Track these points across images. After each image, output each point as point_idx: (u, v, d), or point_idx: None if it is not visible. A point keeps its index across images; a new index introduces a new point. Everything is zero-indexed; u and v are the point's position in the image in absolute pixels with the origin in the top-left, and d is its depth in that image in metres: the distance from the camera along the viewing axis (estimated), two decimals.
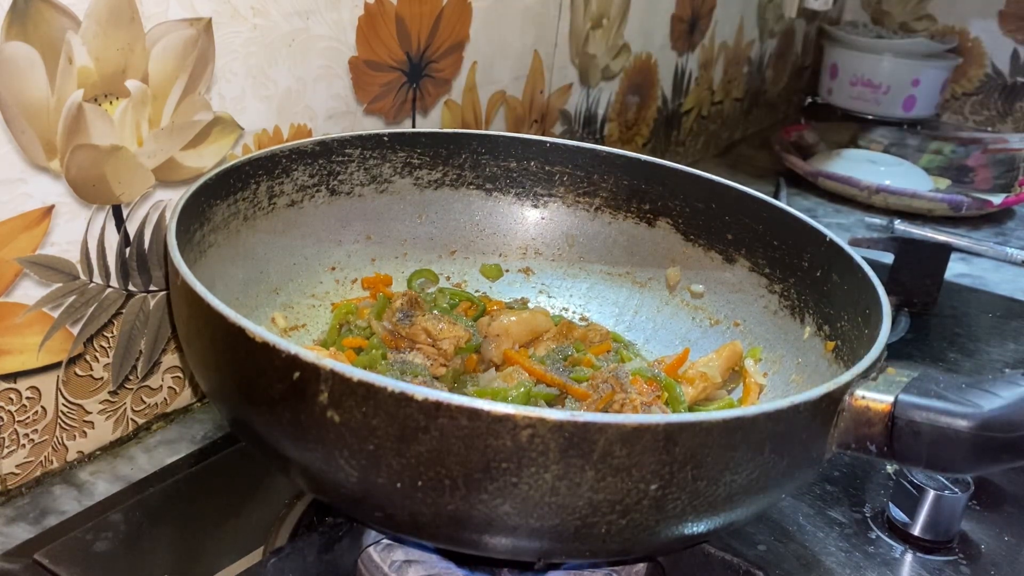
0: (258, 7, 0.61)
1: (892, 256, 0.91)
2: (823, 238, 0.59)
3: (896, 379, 0.45)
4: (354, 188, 0.68)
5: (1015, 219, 1.22)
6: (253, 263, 0.62)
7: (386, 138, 0.68)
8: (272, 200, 0.63)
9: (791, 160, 1.27)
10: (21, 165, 0.51)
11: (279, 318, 0.63)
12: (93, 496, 0.58)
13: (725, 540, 0.56)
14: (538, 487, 0.39)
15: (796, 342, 0.60)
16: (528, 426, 0.37)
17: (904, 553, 0.58)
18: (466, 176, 0.71)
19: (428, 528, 0.43)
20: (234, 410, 0.47)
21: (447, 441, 0.38)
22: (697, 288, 0.68)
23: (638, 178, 0.70)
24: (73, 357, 0.57)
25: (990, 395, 0.42)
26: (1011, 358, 0.84)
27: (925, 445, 0.42)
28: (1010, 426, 0.41)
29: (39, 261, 0.53)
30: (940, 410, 0.42)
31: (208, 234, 0.57)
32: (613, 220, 0.71)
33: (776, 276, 0.63)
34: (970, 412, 0.41)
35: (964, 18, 1.61)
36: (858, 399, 0.43)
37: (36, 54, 0.49)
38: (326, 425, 0.40)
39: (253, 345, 0.41)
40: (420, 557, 0.49)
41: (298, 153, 0.64)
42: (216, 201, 0.58)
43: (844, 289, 0.56)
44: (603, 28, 0.99)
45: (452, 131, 0.71)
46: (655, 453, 0.38)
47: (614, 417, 0.38)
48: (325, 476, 0.42)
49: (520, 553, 0.44)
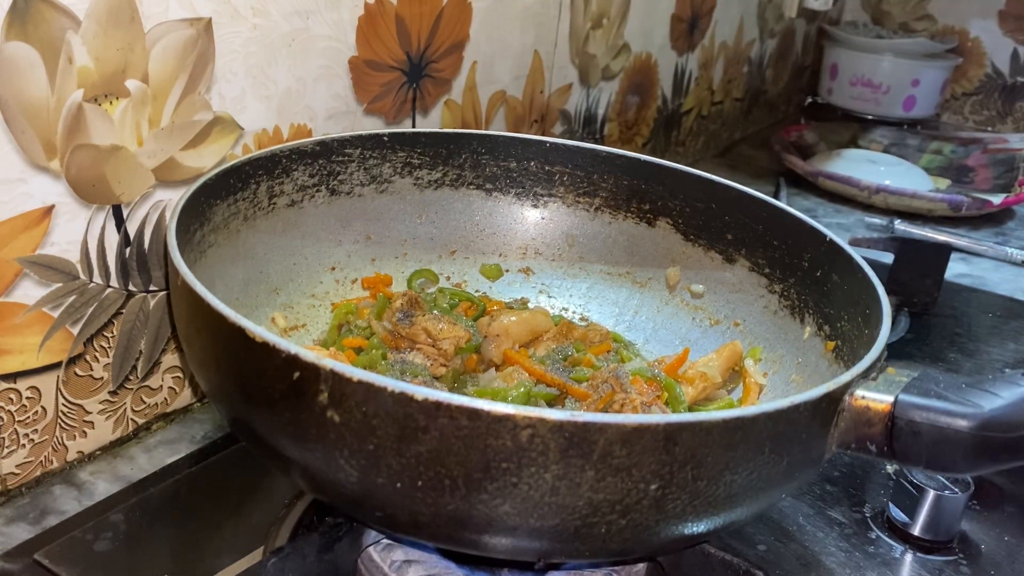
0: (258, 7, 0.61)
1: (892, 256, 0.91)
2: (823, 238, 0.59)
3: (896, 379, 0.45)
4: (354, 188, 0.68)
5: (1015, 219, 1.22)
6: (253, 263, 0.62)
7: (386, 138, 0.68)
8: (272, 200, 0.63)
9: (791, 160, 1.27)
10: (21, 165, 0.51)
11: (279, 318, 0.63)
12: (93, 496, 0.58)
13: (725, 540, 0.56)
14: (538, 487, 0.39)
15: (796, 342, 0.60)
16: (528, 426, 0.37)
17: (904, 553, 0.58)
18: (466, 176, 0.71)
19: (428, 528, 0.43)
20: (234, 410, 0.47)
21: (447, 441, 0.38)
22: (697, 288, 0.68)
23: (638, 178, 0.70)
24: (73, 357, 0.57)
25: (990, 395, 0.42)
26: (1011, 358, 0.84)
27: (925, 445, 0.42)
28: (1010, 426, 0.41)
29: (39, 261, 0.53)
30: (940, 410, 0.42)
31: (208, 234, 0.57)
32: (613, 220, 0.71)
33: (776, 276, 0.63)
34: (970, 412, 0.41)
35: (964, 18, 1.61)
36: (858, 399, 0.43)
37: (36, 54, 0.49)
38: (326, 425, 0.40)
39: (253, 345, 0.41)
40: (420, 557, 0.49)
41: (298, 153, 0.64)
42: (216, 201, 0.58)
43: (844, 289, 0.56)
44: (603, 28, 0.99)
45: (452, 131, 0.71)
46: (655, 453, 0.38)
47: (614, 417, 0.38)
48: (325, 476, 0.42)
49: (520, 553, 0.44)
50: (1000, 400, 0.42)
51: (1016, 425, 0.41)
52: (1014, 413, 0.41)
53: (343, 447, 0.40)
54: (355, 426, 0.39)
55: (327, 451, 0.41)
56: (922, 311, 0.89)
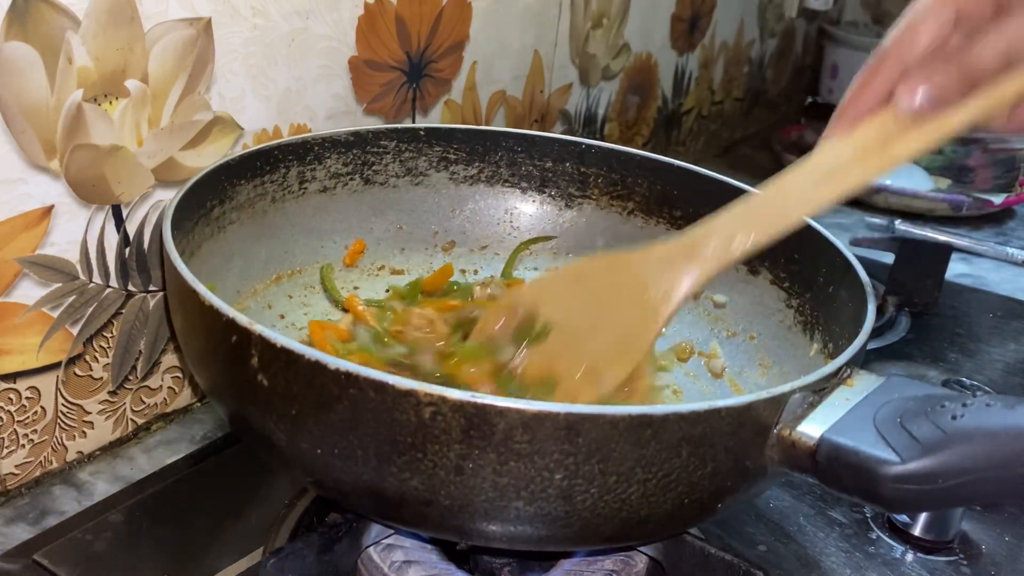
0: (258, 7, 0.61)
1: (892, 256, 0.91)
2: (837, 253, 0.58)
3: (842, 400, 0.43)
4: (389, 179, 0.69)
5: (1015, 219, 1.22)
6: (278, 243, 0.64)
7: (422, 132, 0.69)
8: (303, 185, 0.65)
9: (791, 160, 1.26)
10: (21, 165, 0.51)
11: (297, 297, 0.64)
12: (93, 496, 0.58)
13: (725, 540, 0.56)
14: (443, 465, 0.40)
15: (803, 359, 0.60)
16: (431, 403, 0.38)
17: (904, 553, 0.58)
18: (502, 174, 0.72)
19: (352, 498, 0.46)
20: (198, 373, 0.51)
21: (357, 412, 0.40)
22: (720, 299, 0.67)
23: (671, 184, 0.70)
24: (73, 357, 0.57)
25: (934, 431, 0.40)
26: (1011, 358, 0.84)
27: (848, 486, 0.41)
28: (927, 478, 0.39)
29: (39, 261, 0.53)
30: (862, 455, 0.40)
31: (230, 211, 0.59)
32: (645, 225, 0.71)
33: (795, 291, 0.62)
34: (890, 460, 0.40)
35: None
36: (785, 433, 0.42)
37: (36, 54, 0.49)
38: (257, 388, 0.42)
39: (204, 308, 0.43)
40: (420, 558, 0.49)
41: (332, 142, 0.65)
42: (240, 181, 0.60)
43: (848, 307, 0.56)
44: (603, 28, 0.99)
45: (489, 128, 0.72)
46: (557, 442, 0.39)
47: (515, 402, 0.38)
48: (262, 437, 0.45)
49: (440, 531, 0.46)
50: (933, 447, 0.39)
51: (932, 477, 0.39)
52: (937, 465, 0.39)
53: (271, 410, 0.43)
54: (280, 391, 0.41)
55: (260, 413, 0.44)
56: (922, 311, 0.89)
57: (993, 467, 0.39)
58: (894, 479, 0.39)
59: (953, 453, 0.39)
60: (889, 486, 0.40)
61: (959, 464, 0.39)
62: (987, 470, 0.39)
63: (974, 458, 0.39)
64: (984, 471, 0.39)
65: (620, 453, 0.39)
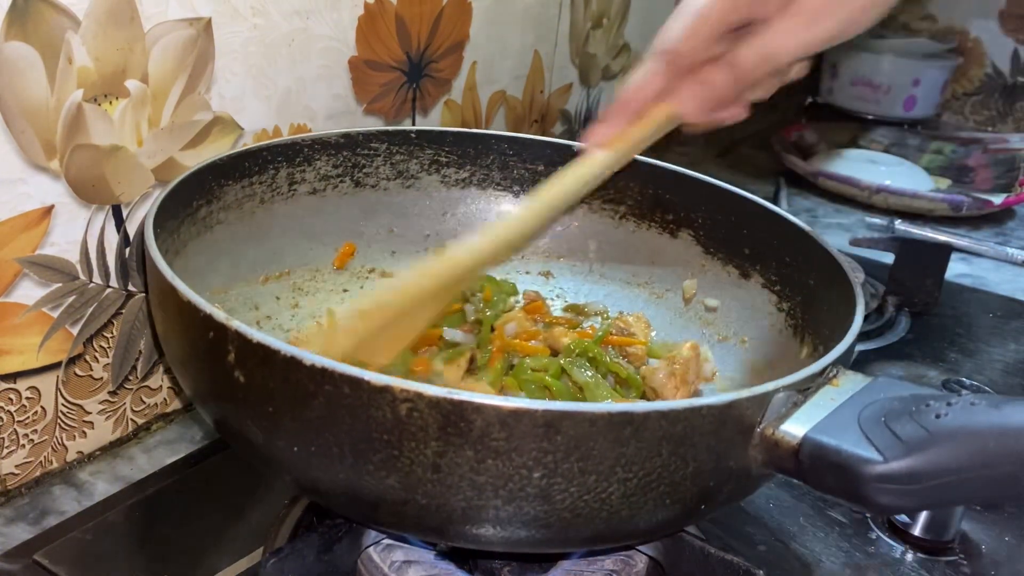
0: (258, 7, 0.61)
1: (892, 256, 0.91)
2: (827, 255, 0.58)
3: (827, 401, 0.43)
4: (380, 181, 0.69)
5: (1015, 219, 1.22)
6: (267, 244, 0.64)
7: (413, 135, 0.69)
8: (292, 187, 0.64)
9: (791, 160, 1.26)
10: (21, 165, 0.51)
11: (285, 298, 0.64)
12: (93, 496, 0.58)
13: (725, 540, 0.56)
14: (420, 462, 0.39)
15: (793, 362, 0.59)
16: (407, 400, 0.38)
17: (904, 553, 0.58)
18: (493, 177, 0.72)
19: (330, 497, 0.45)
20: (176, 371, 0.51)
21: (333, 409, 0.39)
22: (711, 303, 0.67)
23: (663, 187, 0.69)
24: (73, 357, 0.57)
25: (919, 430, 0.39)
26: (1011, 358, 0.84)
27: (832, 486, 0.41)
28: (911, 478, 0.39)
29: (39, 261, 0.53)
30: (845, 454, 0.40)
31: (217, 211, 0.59)
32: (637, 229, 0.71)
33: (785, 294, 0.62)
34: (873, 459, 0.39)
35: (964, 18, 1.61)
36: (768, 432, 0.42)
37: (36, 54, 0.49)
38: (234, 384, 0.42)
39: (182, 304, 0.43)
40: (420, 558, 0.49)
41: (321, 144, 0.65)
42: (228, 181, 0.60)
43: (838, 310, 0.56)
44: (603, 28, 0.99)
45: (480, 131, 0.72)
46: (535, 439, 0.38)
47: (491, 398, 0.38)
48: (239, 435, 0.45)
49: (419, 532, 0.46)
50: (916, 447, 0.39)
51: (916, 477, 0.39)
52: (919, 464, 0.39)
53: (248, 407, 0.42)
54: (256, 387, 0.41)
55: (238, 410, 0.43)
56: (922, 311, 0.89)
57: (977, 466, 0.39)
58: (877, 478, 0.39)
59: (937, 452, 0.39)
60: (872, 485, 0.39)
61: (943, 463, 0.39)
62: (971, 469, 0.39)
63: (958, 457, 0.39)
64: (968, 470, 0.39)
65: (600, 451, 0.39)
